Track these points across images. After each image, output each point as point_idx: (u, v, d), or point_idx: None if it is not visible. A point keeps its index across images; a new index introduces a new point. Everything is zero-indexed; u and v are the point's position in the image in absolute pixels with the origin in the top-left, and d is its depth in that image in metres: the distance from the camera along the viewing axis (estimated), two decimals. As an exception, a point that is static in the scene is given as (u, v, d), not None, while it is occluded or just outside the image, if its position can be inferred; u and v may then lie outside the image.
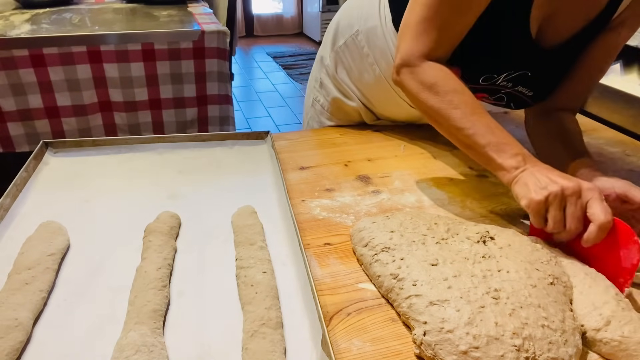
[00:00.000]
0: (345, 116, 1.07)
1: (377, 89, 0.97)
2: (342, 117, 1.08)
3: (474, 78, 0.79)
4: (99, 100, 1.58)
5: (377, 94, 0.99)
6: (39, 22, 1.63)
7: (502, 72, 0.79)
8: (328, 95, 1.06)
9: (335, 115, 1.08)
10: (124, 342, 0.49)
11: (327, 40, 1.04)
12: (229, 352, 0.51)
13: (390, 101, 0.98)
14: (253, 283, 0.58)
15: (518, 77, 0.80)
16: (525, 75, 0.79)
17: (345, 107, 1.05)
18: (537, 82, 0.82)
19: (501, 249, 0.61)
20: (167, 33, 1.55)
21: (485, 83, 0.81)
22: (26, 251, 0.61)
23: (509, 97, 0.85)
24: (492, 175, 0.88)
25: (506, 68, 0.79)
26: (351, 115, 1.07)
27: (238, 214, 0.72)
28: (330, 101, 1.06)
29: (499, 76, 0.79)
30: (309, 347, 0.52)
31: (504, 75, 0.79)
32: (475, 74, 0.79)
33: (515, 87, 0.82)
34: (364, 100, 1.03)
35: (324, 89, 1.07)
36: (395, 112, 1.03)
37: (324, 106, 1.07)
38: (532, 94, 0.84)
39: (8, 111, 1.48)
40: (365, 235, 0.66)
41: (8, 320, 0.50)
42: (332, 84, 1.04)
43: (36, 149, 0.85)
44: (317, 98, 1.09)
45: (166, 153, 0.90)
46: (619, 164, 0.94)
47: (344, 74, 1.01)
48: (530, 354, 0.48)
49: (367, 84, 0.98)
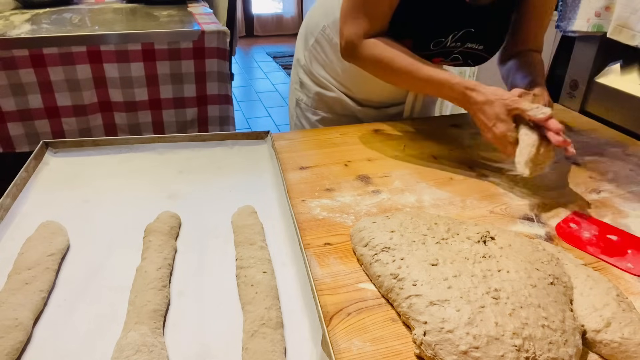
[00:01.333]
0: (329, 108, 1.12)
1: (351, 73, 1.04)
2: (326, 109, 1.12)
3: (424, 45, 0.91)
4: (99, 100, 1.58)
5: (353, 78, 1.05)
6: (39, 22, 1.63)
7: (448, 35, 0.90)
8: (310, 92, 1.13)
9: (320, 108, 1.13)
10: (124, 342, 0.49)
11: (300, 44, 1.14)
12: (229, 352, 0.51)
13: (366, 81, 1.03)
14: (253, 283, 0.58)
15: (464, 36, 0.91)
16: (469, 32, 0.91)
17: (327, 99, 1.11)
18: (483, 36, 0.93)
19: (501, 249, 0.61)
20: (167, 33, 1.55)
21: (436, 48, 0.92)
22: (26, 251, 0.61)
23: (463, 55, 0.96)
24: (492, 175, 0.88)
25: (450, 30, 0.90)
26: (334, 106, 1.12)
27: (238, 214, 0.72)
28: (312, 97, 1.13)
29: (447, 39, 0.91)
30: (309, 347, 0.52)
31: (450, 37, 0.91)
32: (424, 42, 0.91)
33: (465, 45, 0.93)
34: (342, 89, 1.09)
35: (304, 88, 1.14)
36: (373, 92, 1.07)
37: (307, 103, 1.14)
38: (483, 47, 0.95)
39: (8, 111, 1.48)
40: (365, 235, 0.66)
41: (8, 320, 0.50)
42: (311, 81, 1.12)
43: (36, 149, 0.85)
44: (300, 98, 1.16)
45: (166, 153, 0.90)
46: (619, 164, 0.94)
47: (320, 69, 1.09)
48: (531, 354, 0.48)
49: (342, 72, 1.06)
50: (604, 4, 1.06)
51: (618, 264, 0.67)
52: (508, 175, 0.87)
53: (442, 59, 0.96)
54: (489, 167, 0.91)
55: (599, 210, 0.79)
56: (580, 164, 0.94)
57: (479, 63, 0.99)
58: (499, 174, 0.89)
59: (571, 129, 1.09)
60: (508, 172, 0.88)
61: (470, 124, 1.09)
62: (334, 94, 1.10)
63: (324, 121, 1.13)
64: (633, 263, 0.67)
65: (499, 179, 0.87)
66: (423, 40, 0.91)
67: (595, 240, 0.72)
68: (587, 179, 0.88)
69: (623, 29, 1.02)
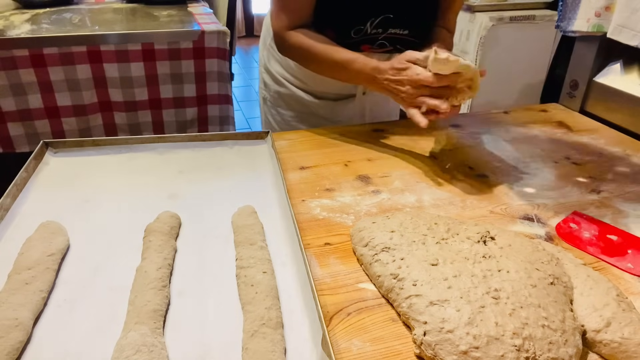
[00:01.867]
0: (288, 105, 1.16)
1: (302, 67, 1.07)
2: (286, 106, 1.16)
3: (346, 34, 0.95)
4: (99, 100, 1.57)
5: (306, 70, 1.07)
6: (39, 22, 1.63)
7: (366, 21, 0.94)
8: (270, 90, 1.18)
9: (280, 105, 1.17)
10: (124, 342, 0.49)
11: (261, 44, 1.19)
12: (229, 352, 0.51)
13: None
14: (253, 283, 0.58)
15: (383, 22, 0.95)
16: (388, 18, 0.94)
17: (284, 97, 1.15)
18: (405, 21, 0.96)
19: (501, 248, 0.61)
20: (167, 33, 1.55)
21: (358, 35, 0.96)
22: (26, 251, 0.61)
23: (390, 41, 0.99)
24: (492, 175, 0.89)
25: (367, 16, 0.93)
26: (292, 103, 1.15)
27: (238, 214, 0.72)
28: (273, 94, 1.17)
29: (365, 26, 0.94)
30: (309, 347, 0.52)
31: (369, 24, 0.94)
32: (345, 31, 0.95)
33: (388, 31, 0.96)
34: (298, 84, 1.13)
35: (267, 87, 1.19)
36: (326, 82, 1.07)
37: (271, 101, 1.19)
38: (408, 32, 0.98)
39: (8, 111, 1.48)
40: (366, 235, 0.66)
41: (8, 320, 0.50)
42: (271, 79, 1.17)
43: (36, 149, 0.84)
44: (265, 96, 1.21)
45: (166, 153, 0.90)
46: (619, 163, 0.94)
47: (277, 65, 1.14)
48: (531, 354, 0.48)
49: (295, 65, 1.09)
50: (604, 4, 1.05)
51: (618, 264, 0.67)
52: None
53: (370, 47, 0.99)
54: (489, 167, 0.91)
55: (599, 210, 0.79)
56: (580, 164, 0.94)
57: (408, 48, 1.00)
58: (499, 174, 0.89)
59: (571, 129, 1.09)
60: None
61: (471, 124, 1.09)
62: (289, 91, 1.14)
63: (285, 119, 1.17)
64: (633, 263, 0.67)
65: (499, 179, 0.87)
66: (343, 29, 0.95)
67: (595, 240, 0.72)
68: (587, 179, 0.88)
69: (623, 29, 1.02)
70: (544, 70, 2.36)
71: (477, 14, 2.23)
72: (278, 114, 1.18)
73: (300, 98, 1.13)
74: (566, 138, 1.05)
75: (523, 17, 2.24)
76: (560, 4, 1.13)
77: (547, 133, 1.07)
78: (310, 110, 1.14)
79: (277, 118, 1.19)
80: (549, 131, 1.08)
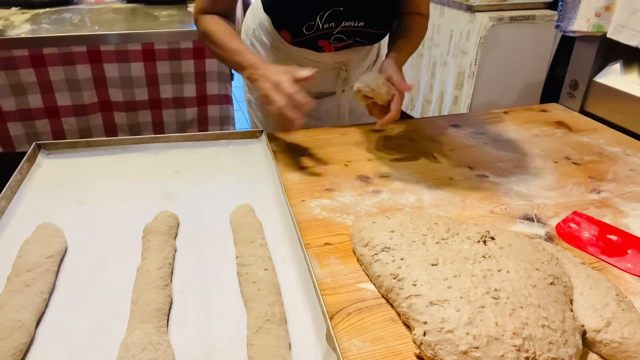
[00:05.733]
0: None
1: (278, 62, 1.05)
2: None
3: (298, 32, 0.94)
4: (99, 100, 1.58)
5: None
6: (39, 22, 1.63)
7: (315, 17, 0.92)
8: (254, 93, 1.17)
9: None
10: (130, 341, 0.49)
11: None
12: (234, 349, 0.51)
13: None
14: (255, 280, 0.58)
15: (334, 15, 0.92)
16: (338, 11, 0.92)
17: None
18: (357, 13, 0.93)
19: (501, 248, 0.61)
20: (167, 33, 1.55)
21: (310, 32, 0.94)
22: (24, 254, 0.61)
23: (347, 34, 0.97)
24: (492, 175, 0.89)
25: (314, 12, 0.92)
26: None
27: (236, 213, 0.72)
28: (256, 96, 1.15)
29: (315, 21, 0.92)
30: (313, 341, 0.52)
31: (319, 18, 0.92)
32: (296, 28, 0.94)
33: (341, 25, 0.94)
34: None
35: (251, 89, 1.18)
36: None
37: (256, 104, 1.18)
38: (364, 23, 0.95)
39: (8, 111, 1.48)
40: (365, 235, 0.66)
41: (11, 322, 0.51)
42: None
43: (29, 151, 0.84)
44: (250, 99, 1.20)
45: (161, 153, 0.90)
46: (619, 163, 0.94)
47: None
48: (531, 354, 0.48)
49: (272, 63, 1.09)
50: (604, 4, 1.05)
51: (618, 264, 0.67)
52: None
53: (327, 42, 0.98)
54: (489, 167, 0.91)
55: (599, 210, 0.79)
56: (580, 164, 0.94)
57: (372, 40, 1.02)
58: (499, 174, 0.89)
59: (571, 129, 1.09)
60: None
61: (471, 124, 1.09)
62: None
63: (268, 120, 1.16)
64: (633, 263, 0.67)
65: (499, 179, 0.87)
66: (295, 27, 0.94)
67: (595, 240, 0.72)
68: (587, 179, 0.88)
69: (623, 29, 1.02)
70: (544, 70, 2.36)
71: (477, 14, 2.23)
72: (263, 115, 1.17)
73: None
74: (566, 138, 1.05)
75: (523, 17, 2.24)
76: (560, 4, 1.13)
77: (547, 133, 1.07)
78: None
79: (262, 119, 1.18)
80: (549, 131, 1.08)
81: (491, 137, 1.04)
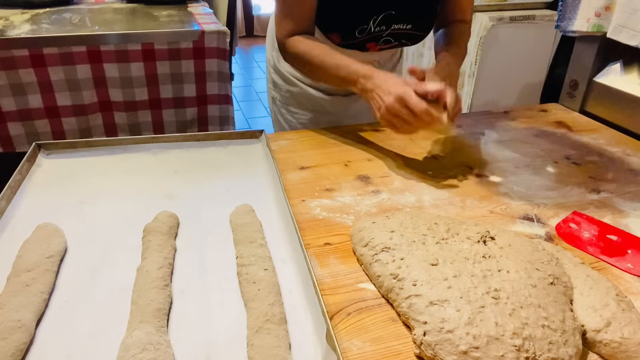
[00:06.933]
0: (299, 104, 1.16)
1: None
2: (297, 105, 1.17)
3: (351, 35, 0.97)
4: (99, 100, 1.57)
5: None
6: (39, 22, 1.63)
7: (369, 20, 0.95)
8: (281, 90, 1.18)
9: (291, 104, 1.17)
10: (130, 341, 0.49)
11: (269, 45, 1.20)
12: (234, 349, 0.51)
13: None
14: (255, 280, 0.58)
15: (386, 19, 0.95)
16: (390, 15, 0.95)
17: (296, 95, 1.16)
18: (407, 16, 0.97)
19: (501, 248, 0.61)
20: (167, 33, 1.55)
21: (362, 35, 0.97)
22: (24, 254, 0.61)
23: (395, 37, 1.00)
24: (492, 175, 0.89)
25: (369, 15, 0.94)
26: (303, 101, 1.16)
27: (236, 213, 0.72)
28: (283, 94, 1.18)
29: (368, 25, 0.95)
30: (313, 341, 0.52)
31: (372, 22, 0.95)
32: (349, 32, 0.96)
33: (391, 27, 0.97)
34: (308, 82, 1.13)
35: (277, 87, 1.19)
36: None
37: (282, 100, 1.19)
38: (412, 26, 0.99)
39: (8, 111, 1.48)
40: (365, 235, 0.66)
41: (11, 322, 0.51)
42: (281, 79, 1.17)
43: (28, 152, 0.84)
44: (274, 96, 1.21)
45: (160, 153, 0.90)
46: (619, 163, 0.94)
47: (287, 65, 1.12)
48: (531, 354, 0.48)
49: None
50: (604, 4, 1.05)
51: (618, 264, 0.67)
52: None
53: (375, 44, 1.01)
54: (489, 167, 0.91)
55: (599, 210, 0.79)
56: (580, 164, 0.94)
57: (415, 42, 1.03)
58: (499, 174, 0.89)
59: (571, 129, 1.09)
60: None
61: (471, 124, 1.09)
62: (300, 89, 1.14)
63: (295, 117, 1.18)
64: (633, 263, 0.67)
65: (499, 179, 0.87)
66: (348, 31, 0.97)
67: (595, 240, 0.72)
68: (587, 179, 0.88)
69: (623, 29, 1.02)
70: (544, 70, 2.36)
71: (477, 14, 2.23)
72: (288, 112, 1.18)
73: (312, 96, 1.14)
74: (566, 138, 1.05)
75: (523, 17, 2.23)
76: (560, 4, 1.13)
77: (547, 133, 1.07)
78: (321, 107, 1.15)
79: (287, 117, 1.19)
80: (549, 131, 1.08)
81: (491, 137, 1.04)
